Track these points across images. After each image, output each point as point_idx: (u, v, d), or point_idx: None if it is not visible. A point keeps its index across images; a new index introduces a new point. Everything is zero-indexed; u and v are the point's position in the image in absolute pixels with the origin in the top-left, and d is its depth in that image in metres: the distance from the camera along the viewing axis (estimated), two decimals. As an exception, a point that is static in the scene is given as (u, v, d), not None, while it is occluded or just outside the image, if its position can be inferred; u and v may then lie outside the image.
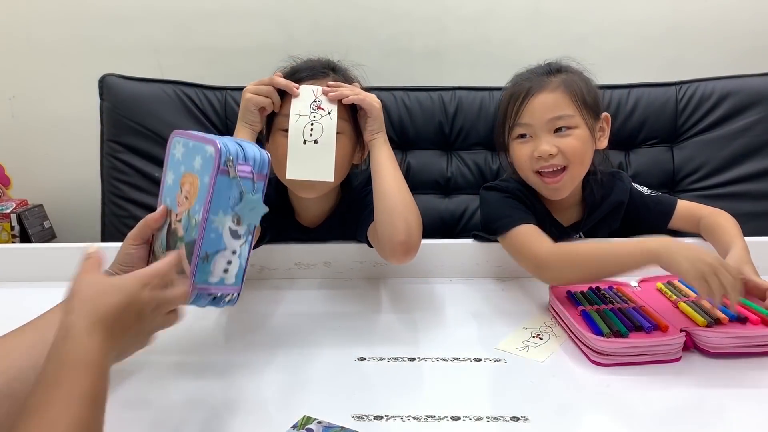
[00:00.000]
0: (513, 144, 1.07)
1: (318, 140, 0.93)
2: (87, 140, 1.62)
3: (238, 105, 1.51)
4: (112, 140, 1.53)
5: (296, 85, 0.96)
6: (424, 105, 1.56)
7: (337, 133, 0.94)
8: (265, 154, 0.69)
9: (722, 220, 1.09)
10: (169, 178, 0.71)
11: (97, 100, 1.54)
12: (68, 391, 0.49)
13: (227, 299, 0.69)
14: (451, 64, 1.73)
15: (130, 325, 0.57)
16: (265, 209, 0.68)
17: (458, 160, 1.58)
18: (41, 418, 0.48)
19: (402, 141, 1.56)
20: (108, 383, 0.53)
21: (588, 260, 0.93)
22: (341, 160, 0.97)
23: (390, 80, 1.57)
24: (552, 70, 1.06)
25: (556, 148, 1.02)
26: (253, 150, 0.68)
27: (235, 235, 0.67)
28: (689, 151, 1.55)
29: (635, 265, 0.88)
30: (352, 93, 0.96)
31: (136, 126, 1.51)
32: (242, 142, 0.68)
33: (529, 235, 1.00)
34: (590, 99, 1.05)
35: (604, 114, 1.09)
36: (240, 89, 1.54)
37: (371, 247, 1.08)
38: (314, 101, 0.95)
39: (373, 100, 0.96)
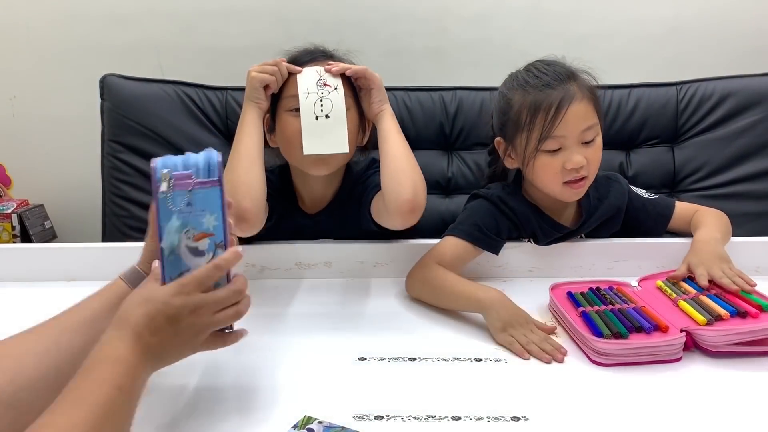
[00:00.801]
0: (540, 156, 1.02)
1: (329, 115, 0.97)
2: (88, 140, 1.62)
3: (239, 105, 1.54)
4: (112, 140, 1.53)
5: (299, 68, 1.00)
6: (424, 105, 1.56)
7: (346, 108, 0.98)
8: (215, 156, 0.62)
9: (709, 216, 1.11)
10: None
11: (98, 100, 1.54)
12: (96, 379, 0.55)
13: None
14: (452, 64, 1.73)
15: (163, 330, 0.60)
16: (220, 204, 0.61)
17: (459, 160, 1.58)
18: (68, 398, 0.53)
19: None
20: (141, 381, 0.59)
21: (441, 290, 0.98)
22: (351, 136, 1.00)
23: (391, 80, 1.54)
24: (569, 75, 1.03)
25: (585, 160, 1.01)
26: (196, 158, 0.62)
27: (195, 252, 0.62)
28: (690, 151, 1.55)
29: (469, 308, 0.95)
30: (353, 66, 1.00)
31: (137, 126, 1.51)
32: (188, 154, 0.63)
33: (445, 246, 1.04)
34: (601, 103, 1.05)
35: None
36: (241, 90, 1.55)
37: (375, 228, 1.08)
38: (319, 79, 0.99)
39: (374, 72, 1.00)
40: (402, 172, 0.96)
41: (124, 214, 1.52)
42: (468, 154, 1.58)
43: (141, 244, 0.73)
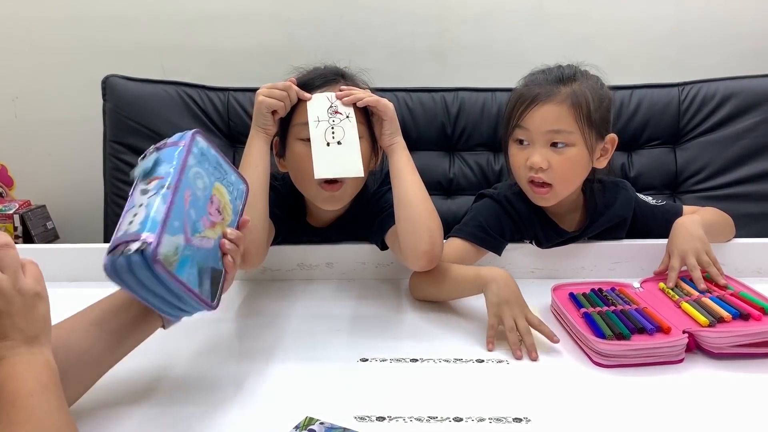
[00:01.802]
0: (511, 146, 1.06)
1: (341, 141, 0.94)
2: (90, 141, 1.63)
3: (241, 106, 1.55)
4: (114, 141, 1.53)
5: (309, 95, 0.96)
6: (426, 106, 1.57)
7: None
8: (188, 132, 0.69)
9: (704, 209, 1.12)
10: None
11: (100, 101, 1.54)
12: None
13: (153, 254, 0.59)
14: (454, 65, 1.74)
15: None
16: (180, 156, 0.66)
17: (461, 161, 1.58)
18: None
19: (405, 142, 1.55)
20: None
21: (444, 279, 0.97)
22: (363, 163, 0.96)
23: (392, 81, 1.57)
24: (564, 78, 1.03)
25: (547, 163, 1.01)
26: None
27: (144, 192, 0.64)
28: (692, 152, 1.55)
29: (472, 289, 0.94)
30: (366, 95, 0.96)
31: (139, 127, 1.52)
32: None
33: (449, 247, 1.03)
34: (597, 117, 1.02)
35: (610, 135, 1.06)
36: (243, 90, 1.57)
37: (382, 249, 1.08)
38: (330, 107, 0.96)
39: (387, 102, 0.97)
40: (417, 221, 0.93)
41: (126, 214, 1.52)
42: (470, 155, 1.58)
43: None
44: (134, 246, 0.59)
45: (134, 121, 1.52)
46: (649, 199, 1.19)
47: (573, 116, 1.00)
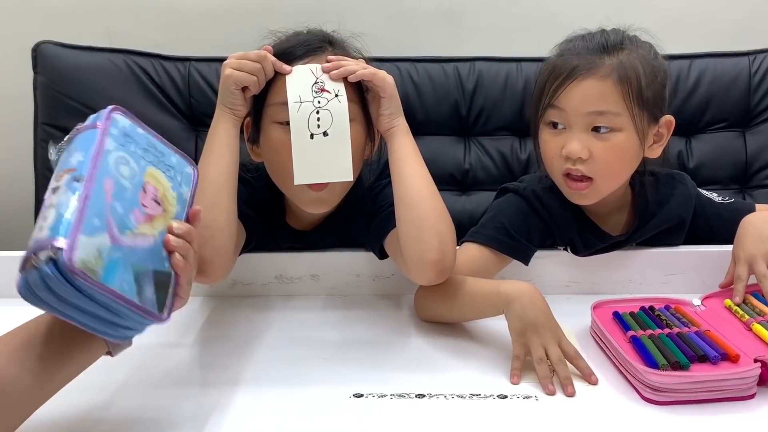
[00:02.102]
0: (542, 130, 1.07)
1: (328, 131, 0.93)
2: (17, 123, 1.62)
3: (205, 79, 1.55)
4: (48, 123, 1.53)
5: (288, 67, 0.95)
6: (435, 80, 1.57)
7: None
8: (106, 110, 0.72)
9: None
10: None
11: (30, 74, 1.54)
12: None
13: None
14: (470, 29, 1.73)
15: None
16: (93, 141, 0.67)
17: (478, 148, 1.58)
18: None
19: (409, 124, 1.54)
20: None
21: (456, 295, 0.97)
22: (355, 155, 0.96)
23: (393, 49, 1.57)
24: (609, 46, 1.02)
25: (587, 152, 1.01)
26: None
27: (54, 190, 0.63)
28: (766, 137, 1.55)
29: (491, 308, 0.93)
30: (359, 67, 0.96)
31: (78, 106, 1.51)
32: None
33: (464, 256, 1.04)
34: (650, 94, 1.02)
35: (666, 117, 1.06)
36: (207, 61, 1.57)
37: (381, 258, 1.08)
38: (315, 83, 0.95)
39: (385, 76, 0.97)
40: (424, 224, 0.93)
41: (62, 215, 1.52)
42: (489, 140, 1.58)
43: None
44: (43, 255, 0.57)
45: (72, 98, 1.52)
46: (713, 195, 1.20)
47: (620, 94, 1.00)
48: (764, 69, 1.55)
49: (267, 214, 1.09)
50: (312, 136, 0.93)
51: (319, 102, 0.94)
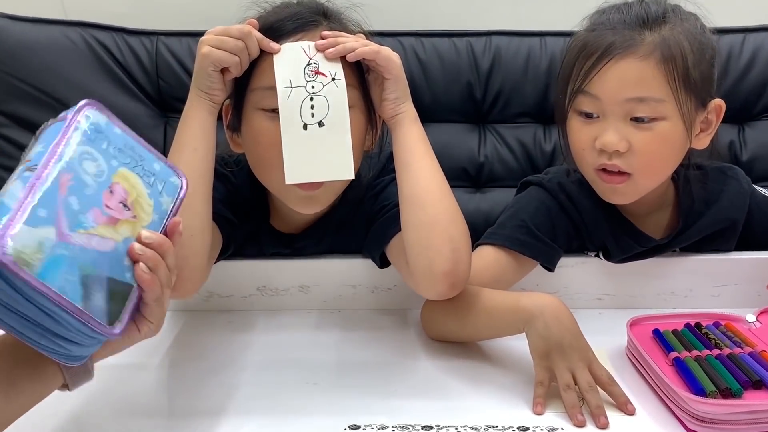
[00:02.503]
0: (572, 118, 1.06)
1: (324, 121, 0.93)
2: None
3: (175, 57, 1.55)
4: (-7, 109, 1.54)
5: (277, 45, 0.95)
6: (445, 57, 1.57)
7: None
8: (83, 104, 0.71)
9: None
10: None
11: (-28, 51, 1.54)
12: None
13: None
14: (485, -1, 1.74)
15: None
16: (55, 134, 0.68)
17: (495, 137, 1.58)
18: None
19: (415, 109, 1.56)
20: None
21: (471, 309, 0.97)
22: (355, 148, 0.95)
23: (397, 22, 1.57)
24: (650, 20, 1.02)
25: (626, 143, 1.00)
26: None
27: (9, 180, 0.65)
28: (832, 125, 1.55)
29: (510, 326, 0.93)
30: (359, 44, 0.95)
31: (29, 88, 1.52)
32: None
33: (479, 260, 1.04)
34: (698, 76, 1.01)
35: (715, 102, 1.05)
36: (178, 35, 1.57)
37: (381, 267, 1.08)
38: (308, 64, 0.94)
39: (390, 54, 0.96)
40: (434, 228, 0.93)
41: (9, 215, 1.52)
42: (508, 129, 1.58)
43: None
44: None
45: (21, 79, 1.52)
46: None
47: (664, 76, 1.00)
48: (830, 45, 1.56)
49: (248, 215, 1.09)
50: (305, 126, 0.92)
51: (312, 87, 0.93)
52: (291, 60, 0.94)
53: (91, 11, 1.61)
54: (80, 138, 0.68)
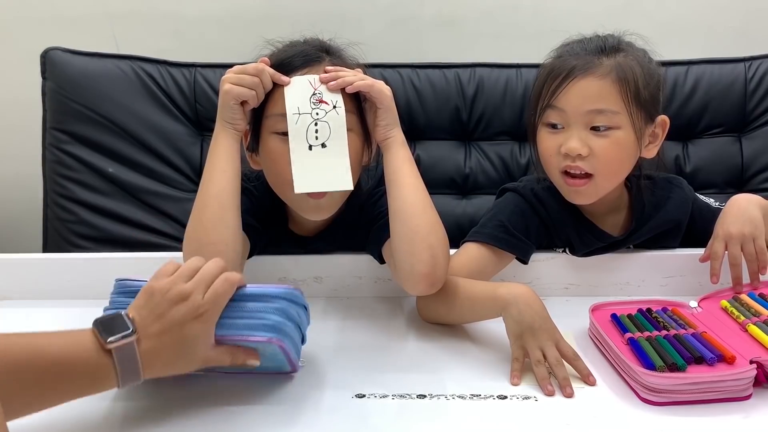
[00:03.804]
0: (541, 130, 1.07)
1: (326, 143, 0.94)
2: (26, 128, 1.62)
3: (210, 85, 1.55)
4: (56, 128, 1.53)
5: (287, 78, 0.95)
6: (437, 85, 1.57)
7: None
8: None
9: None
10: None
11: (39, 80, 1.54)
12: None
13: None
14: (471, 36, 1.74)
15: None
16: None
17: (479, 152, 1.58)
18: None
19: (410, 129, 1.56)
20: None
21: (454, 298, 0.97)
22: (353, 164, 0.96)
23: (395, 55, 1.58)
24: (607, 49, 1.03)
25: (587, 149, 1.01)
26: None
27: None
28: (761, 142, 1.54)
29: (488, 311, 0.94)
30: (356, 78, 0.96)
31: (86, 111, 1.52)
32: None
33: (463, 255, 1.06)
34: (647, 95, 1.03)
35: (661, 117, 1.07)
36: (212, 67, 1.57)
37: (381, 263, 1.08)
38: (314, 94, 0.95)
39: (383, 87, 0.97)
40: (416, 237, 0.93)
41: (69, 218, 1.52)
42: (490, 145, 1.58)
43: (91, 256, 0.73)
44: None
45: (80, 103, 1.52)
46: (710, 201, 1.19)
47: (619, 93, 1.01)
48: (760, 75, 1.55)
49: (269, 222, 1.09)
50: (310, 147, 0.94)
51: (317, 114, 0.94)
52: (299, 91, 0.95)
53: (139, 46, 1.62)
54: None
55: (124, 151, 1.52)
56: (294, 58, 1.00)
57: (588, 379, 0.85)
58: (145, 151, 1.53)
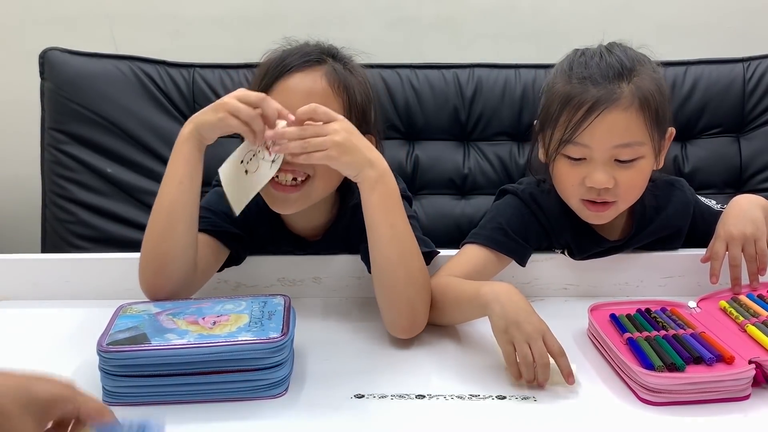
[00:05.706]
0: (560, 160, 1.03)
1: (248, 171, 0.94)
2: (24, 129, 1.62)
3: (209, 86, 1.55)
4: (55, 129, 1.53)
5: (291, 117, 0.90)
6: (435, 86, 1.57)
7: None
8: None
9: None
10: None
11: (37, 80, 1.54)
12: None
13: None
14: (469, 36, 1.74)
15: None
16: None
17: (477, 153, 1.58)
18: None
19: (409, 130, 1.56)
20: None
21: (444, 298, 0.97)
22: (324, 189, 0.99)
23: (393, 56, 1.57)
24: (626, 71, 0.99)
25: (612, 181, 0.99)
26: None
27: None
28: (760, 143, 1.55)
29: (474, 311, 0.93)
30: (300, 149, 0.88)
31: (85, 111, 1.52)
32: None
33: (461, 257, 1.06)
34: (662, 113, 1.01)
35: (670, 130, 1.06)
36: (211, 67, 1.57)
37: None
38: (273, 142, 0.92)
39: (323, 155, 0.88)
40: (393, 291, 0.93)
41: (68, 218, 1.52)
42: (488, 145, 1.58)
43: (89, 256, 0.73)
44: None
45: (79, 104, 1.52)
46: (712, 203, 1.19)
47: (643, 121, 0.99)
48: (758, 75, 1.55)
49: (260, 224, 1.08)
50: (246, 172, 0.94)
51: (260, 151, 0.93)
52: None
53: (138, 47, 1.61)
54: None
55: (123, 151, 1.52)
56: (293, 57, 1.00)
57: (568, 379, 0.83)
58: (143, 152, 1.53)
